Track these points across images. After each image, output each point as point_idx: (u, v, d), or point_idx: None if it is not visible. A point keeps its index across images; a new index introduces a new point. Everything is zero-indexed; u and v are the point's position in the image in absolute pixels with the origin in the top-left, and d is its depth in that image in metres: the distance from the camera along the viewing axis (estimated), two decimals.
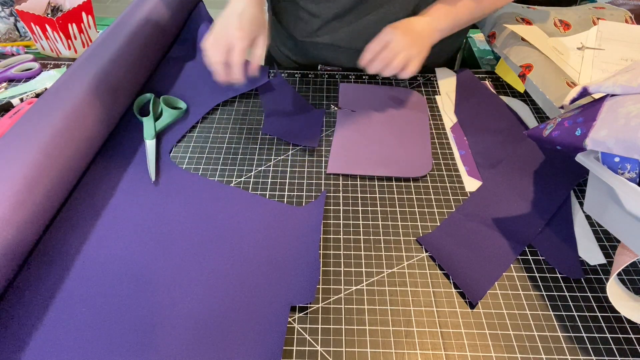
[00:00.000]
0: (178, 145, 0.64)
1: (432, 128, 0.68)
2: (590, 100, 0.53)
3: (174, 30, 0.80)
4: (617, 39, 0.75)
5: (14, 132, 0.52)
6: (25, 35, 0.90)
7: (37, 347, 0.42)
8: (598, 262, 0.50)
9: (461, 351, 0.43)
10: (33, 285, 0.47)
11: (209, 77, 0.75)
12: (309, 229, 0.52)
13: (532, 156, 0.61)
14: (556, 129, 0.49)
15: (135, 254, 0.50)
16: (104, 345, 0.42)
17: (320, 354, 0.42)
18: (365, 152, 0.63)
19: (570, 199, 0.56)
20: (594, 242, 0.52)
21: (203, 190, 0.57)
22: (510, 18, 0.76)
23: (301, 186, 0.58)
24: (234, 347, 0.42)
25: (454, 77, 0.77)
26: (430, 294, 0.47)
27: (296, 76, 0.77)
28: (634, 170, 0.42)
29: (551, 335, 0.44)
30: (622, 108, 0.43)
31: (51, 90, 0.59)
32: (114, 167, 0.60)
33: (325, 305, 0.46)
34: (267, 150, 0.64)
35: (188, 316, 0.44)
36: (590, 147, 0.44)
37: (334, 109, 0.71)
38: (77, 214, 0.54)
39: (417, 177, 0.59)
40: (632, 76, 0.45)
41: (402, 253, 0.51)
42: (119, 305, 0.45)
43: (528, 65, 0.67)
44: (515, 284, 0.48)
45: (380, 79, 0.77)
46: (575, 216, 0.55)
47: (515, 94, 0.74)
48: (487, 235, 0.52)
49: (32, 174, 0.48)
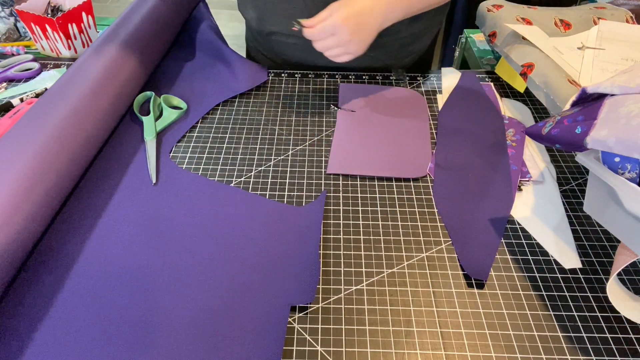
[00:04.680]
0: (178, 145, 0.64)
1: (432, 128, 0.67)
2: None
3: (175, 30, 0.80)
4: (617, 38, 0.75)
5: (14, 132, 0.52)
6: (25, 35, 0.90)
7: (37, 347, 0.42)
8: (573, 266, 0.49)
9: (461, 351, 0.43)
10: (33, 285, 0.47)
11: (209, 77, 0.76)
12: (309, 229, 0.52)
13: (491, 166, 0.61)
14: (556, 126, 0.49)
15: (135, 253, 0.50)
16: (104, 344, 0.42)
17: (320, 354, 0.42)
18: (365, 152, 0.63)
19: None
20: (571, 246, 0.52)
21: (203, 190, 0.57)
22: (511, 18, 0.76)
23: (301, 186, 0.58)
24: (234, 347, 0.42)
25: (458, 77, 0.76)
26: (430, 294, 0.47)
27: (296, 76, 0.77)
28: (634, 170, 0.42)
29: (551, 335, 0.44)
30: (623, 107, 0.43)
31: (51, 90, 0.59)
32: (114, 167, 0.60)
33: (325, 305, 0.46)
34: (267, 150, 0.64)
35: (188, 316, 0.44)
36: (591, 145, 0.43)
37: (334, 109, 0.71)
38: (77, 213, 0.54)
39: (417, 177, 0.59)
40: (630, 77, 0.45)
41: (402, 253, 0.51)
42: (119, 305, 0.45)
43: (529, 64, 0.67)
44: (515, 284, 0.48)
45: (380, 79, 0.77)
46: (555, 219, 0.54)
47: (516, 94, 0.74)
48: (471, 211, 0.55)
49: (32, 174, 0.48)
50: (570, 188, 0.59)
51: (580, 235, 0.53)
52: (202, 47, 0.79)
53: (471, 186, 0.58)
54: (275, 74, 0.78)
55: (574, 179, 0.60)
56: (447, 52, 1.54)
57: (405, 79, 0.77)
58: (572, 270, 0.49)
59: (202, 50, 0.79)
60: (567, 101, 0.61)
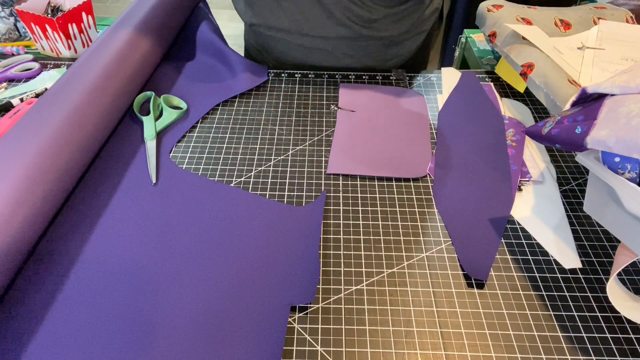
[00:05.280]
0: (178, 145, 0.64)
1: (432, 128, 0.67)
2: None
3: (175, 30, 0.80)
4: (617, 38, 0.75)
5: (14, 132, 0.52)
6: (25, 35, 0.90)
7: (38, 346, 0.42)
8: (573, 266, 0.49)
9: (461, 351, 0.43)
10: (33, 285, 0.47)
11: (209, 77, 0.76)
12: (309, 229, 0.52)
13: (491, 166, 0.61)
14: (555, 126, 0.49)
15: (135, 253, 0.50)
16: (104, 344, 0.42)
17: (320, 354, 0.42)
18: (365, 153, 0.63)
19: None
20: (571, 246, 0.52)
21: (203, 190, 0.57)
22: (511, 18, 0.76)
23: (301, 186, 0.58)
24: (233, 347, 0.42)
25: (458, 77, 0.76)
26: (430, 294, 0.47)
27: (296, 76, 0.77)
28: (634, 170, 0.42)
29: (551, 335, 0.44)
30: (623, 107, 0.43)
31: (51, 90, 0.59)
32: (114, 167, 0.60)
33: (325, 305, 0.46)
34: (267, 150, 0.64)
35: (188, 316, 0.44)
36: (591, 145, 0.43)
37: (334, 109, 0.71)
38: (77, 214, 0.54)
39: (417, 177, 0.59)
40: (630, 77, 0.45)
41: (402, 253, 0.51)
42: (119, 305, 0.45)
43: (529, 64, 0.67)
44: (515, 284, 0.48)
45: (380, 79, 0.77)
46: (555, 219, 0.54)
47: (516, 94, 0.74)
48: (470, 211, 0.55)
49: (32, 174, 0.48)
50: (570, 188, 0.59)
51: (580, 235, 0.53)
52: (202, 47, 0.79)
53: (471, 186, 0.58)
54: (275, 74, 0.78)
55: (574, 179, 0.60)
56: (447, 52, 1.54)
57: (405, 79, 0.77)
58: (572, 270, 0.49)
59: (202, 50, 0.79)
60: (567, 101, 0.61)
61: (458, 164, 0.61)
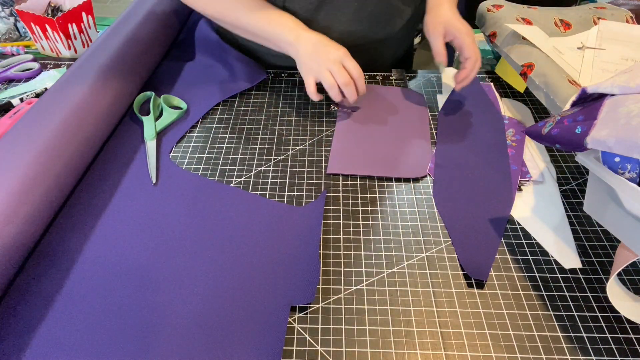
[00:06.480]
0: (178, 145, 0.64)
1: (432, 128, 0.67)
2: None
3: (174, 30, 0.80)
4: (617, 38, 0.75)
5: (14, 132, 0.52)
6: (25, 35, 0.90)
7: (38, 346, 0.42)
8: (573, 266, 0.49)
9: (461, 351, 0.43)
10: (33, 285, 0.47)
11: (208, 77, 0.76)
12: (309, 229, 0.52)
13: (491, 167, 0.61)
14: (556, 126, 0.49)
15: (135, 253, 0.50)
16: (104, 344, 0.42)
17: (320, 354, 0.42)
18: (365, 152, 0.63)
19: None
20: (571, 246, 0.52)
21: (203, 190, 0.57)
22: (511, 18, 0.76)
23: (301, 186, 0.58)
24: (234, 347, 0.42)
25: None
26: (430, 294, 0.47)
27: (296, 76, 0.77)
28: (634, 170, 0.42)
29: (551, 335, 0.44)
30: (623, 107, 0.43)
31: (51, 90, 0.59)
32: (114, 167, 0.60)
33: (325, 305, 0.46)
34: (267, 150, 0.64)
35: (188, 316, 0.44)
36: (591, 145, 0.43)
37: (334, 109, 0.71)
38: (77, 213, 0.54)
39: (417, 177, 0.59)
40: (630, 77, 0.45)
41: (402, 253, 0.51)
42: (120, 305, 0.45)
43: (529, 64, 0.67)
44: (515, 284, 0.48)
45: (380, 79, 0.77)
46: (555, 219, 0.54)
47: (516, 94, 0.74)
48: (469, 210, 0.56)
49: (32, 174, 0.48)
50: (570, 188, 0.59)
51: (580, 235, 0.53)
52: (202, 47, 0.79)
53: (471, 186, 0.58)
54: (275, 74, 0.78)
55: (574, 179, 0.60)
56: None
57: (405, 79, 0.77)
58: (572, 270, 0.49)
59: (202, 50, 0.79)
60: (567, 101, 0.61)
61: (458, 164, 0.61)
